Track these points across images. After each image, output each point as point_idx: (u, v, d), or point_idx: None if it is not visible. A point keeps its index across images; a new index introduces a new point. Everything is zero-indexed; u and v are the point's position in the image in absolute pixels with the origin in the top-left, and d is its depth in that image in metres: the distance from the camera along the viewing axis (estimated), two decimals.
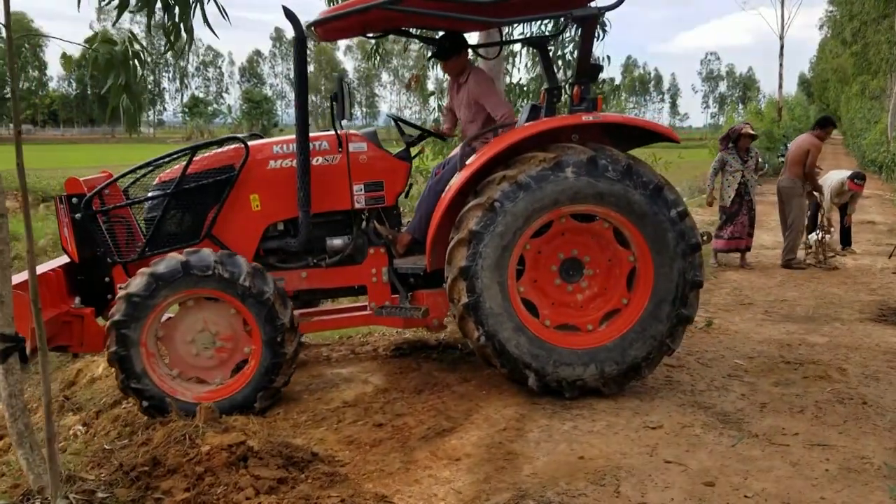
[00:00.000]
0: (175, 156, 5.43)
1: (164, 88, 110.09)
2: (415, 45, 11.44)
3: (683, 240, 4.75)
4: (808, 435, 4.31)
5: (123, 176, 5.42)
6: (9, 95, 74.62)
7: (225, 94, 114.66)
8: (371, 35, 6.01)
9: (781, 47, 38.70)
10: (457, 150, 5.75)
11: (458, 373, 5.50)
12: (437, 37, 5.85)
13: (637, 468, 3.89)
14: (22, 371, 3.31)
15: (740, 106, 69.89)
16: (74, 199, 5.11)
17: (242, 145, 5.23)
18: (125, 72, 3.40)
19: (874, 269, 9.78)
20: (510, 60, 10.87)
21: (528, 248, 4.90)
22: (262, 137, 5.72)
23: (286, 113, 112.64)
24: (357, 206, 5.35)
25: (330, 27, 5.12)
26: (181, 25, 3.43)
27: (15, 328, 3.19)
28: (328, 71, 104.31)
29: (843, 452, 4.06)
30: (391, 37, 6.83)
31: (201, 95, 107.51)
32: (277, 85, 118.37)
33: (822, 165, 18.63)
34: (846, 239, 11.19)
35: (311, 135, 5.15)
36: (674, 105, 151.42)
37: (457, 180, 5.01)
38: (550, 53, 6.17)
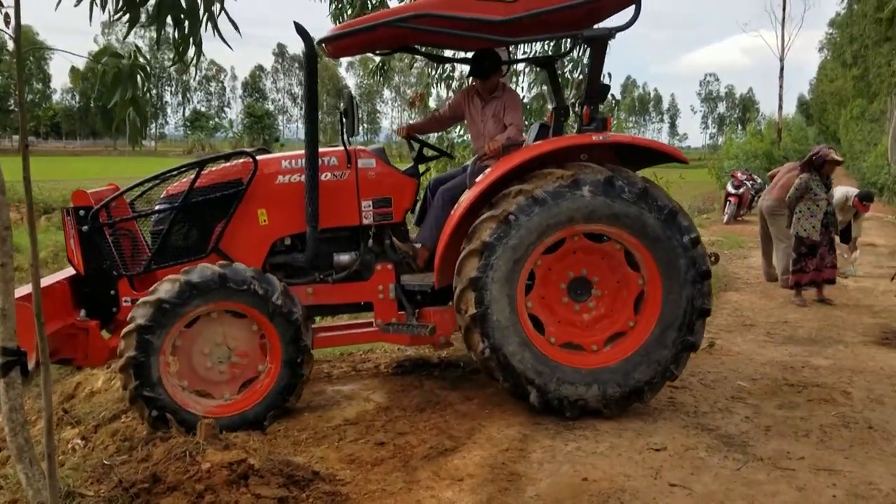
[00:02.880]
0: (183, 169, 5.43)
1: (166, 102, 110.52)
2: (419, 63, 11.49)
3: (694, 267, 4.75)
4: (813, 459, 4.27)
5: (131, 189, 5.43)
6: (12, 107, 74.93)
7: (227, 109, 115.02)
8: (380, 52, 6.02)
9: (781, 69, 38.91)
10: (467, 163, 5.75)
11: (460, 391, 5.47)
12: (453, 56, 5.87)
13: (641, 491, 3.85)
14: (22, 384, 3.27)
15: (739, 127, 70.15)
16: (81, 212, 5.10)
17: (251, 159, 5.24)
18: (132, 85, 3.40)
19: (876, 292, 9.76)
20: (513, 80, 10.89)
21: (538, 265, 4.89)
22: (268, 152, 5.73)
23: (287, 128, 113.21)
24: (365, 221, 5.35)
25: (340, 44, 5.14)
26: (190, 39, 3.43)
27: (17, 342, 3.16)
28: (330, 87, 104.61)
29: (849, 478, 4.02)
30: (397, 55, 6.85)
31: (203, 109, 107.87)
32: (279, 100, 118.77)
33: None
34: (846, 237, 10.95)
35: (320, 150, 5.15)
36: (673, 125, 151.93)
37: (467, 197, 5.01)
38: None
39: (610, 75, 9.72)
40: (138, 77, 3.32)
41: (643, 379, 4.80)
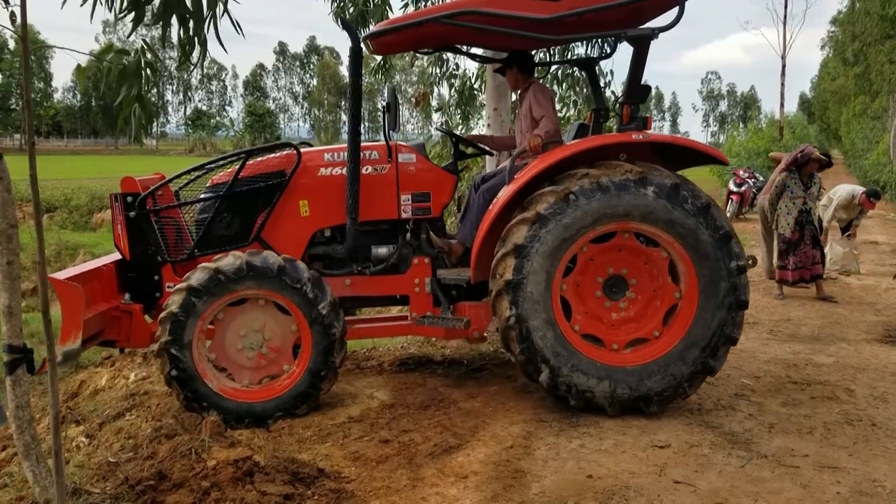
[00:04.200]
0: (229, 159, 5.60)
1: (167, 101, 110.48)
2: (420, 61, 11.46)
3: (734, 294, 4.77)
4: (817, 457, 4.28)
5: (178, 177, 5.58)
6: (13, 106, 74.92)
7: (228, 108, 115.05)
8: (422, 52, 6.13)
9: (783, 66, 38.83)
10: (506, 163, 5.79)
11: (463, 389, 5.48)
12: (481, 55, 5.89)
13: (646, 488, 3.86)
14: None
15: (741, 125, 70.06)
16: (129, 198, 5.25)
17: (295, 151, 5.35)
18: (137, 83, 3.40)
19: (879, 290, 9.76)
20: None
21: (584, 251, 4.91)
22: (310, 146, 5.82)
23: (288, 126, 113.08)
24: (404, 215, 5.44)
25: (384, 40, 5.22)
26: (195, 39, 3.43)
27: (23, 339, 3.17)
28: (331, 85, 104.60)
29: (853, 475, 4.02)
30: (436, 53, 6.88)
31: (204, 108, 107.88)
32: (280, 99, 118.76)
33: (825, 185, 18.66)
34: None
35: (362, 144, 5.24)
36: (674, 123, 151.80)
37: (504, 194, 5.04)
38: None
39: (612, 73, 9.70)
40: (146, 73, 3.32)
41: (655, 388, 4.79)
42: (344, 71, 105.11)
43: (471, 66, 10.93)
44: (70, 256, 13.99)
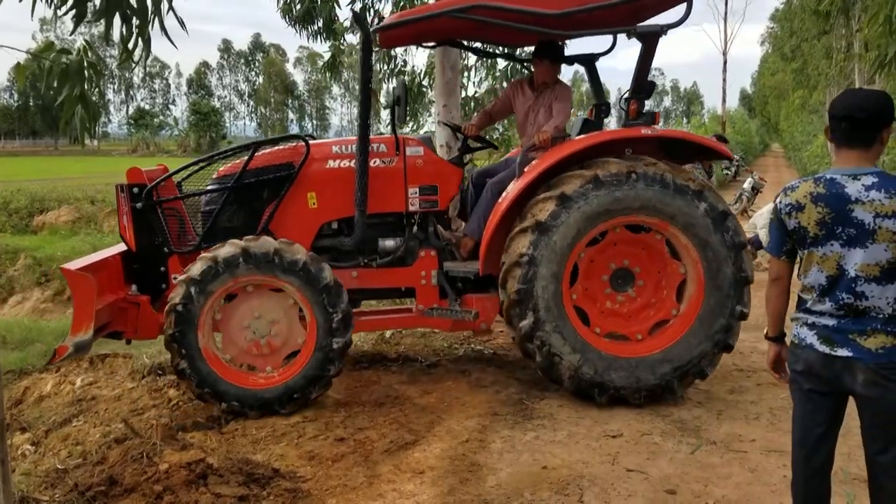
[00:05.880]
0: (236, 151, 5.60)
1: (108, 100, 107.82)
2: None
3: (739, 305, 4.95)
4: (764, 441, 4.40)
5: (185, 168, 5.54)
6: None
7: (172, 106, 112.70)
8: (426, 45, 6.19)
9: (725, 62, 39.68)
10: (511, 154, 5.87)
11: (418, 385, 5.49)
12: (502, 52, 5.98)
13: (600, 477, 3.93)
14: None
15: (685, 120, 71.39)
16: (135, 189, 5.21)
17: (304, 143, 5.35)
18: (79, 82, 3.32)
19: None
20: (465, 74, 10.93)
21: (581, 257, 5.03)
22: (315, 139, 5.80)
23: (234, 125, 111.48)
24: (411, 208, 5.46)
25: (393, 33, 5.25)
26: (139, 37, 3.37)
27: None
28: (277, 83, 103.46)
29: None
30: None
31: (147, 107, 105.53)
32: (226, 97, 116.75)
33: (767, 178, 19.13)
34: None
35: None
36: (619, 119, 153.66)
37: (516, 187, 5.09)
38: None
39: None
40: (89, 73, 3.25)
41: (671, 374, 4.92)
42: (290, 68, 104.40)
43: (419, 63, 10.94)
44: (10, 260, 13.56)
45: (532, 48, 5.94)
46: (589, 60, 5.92)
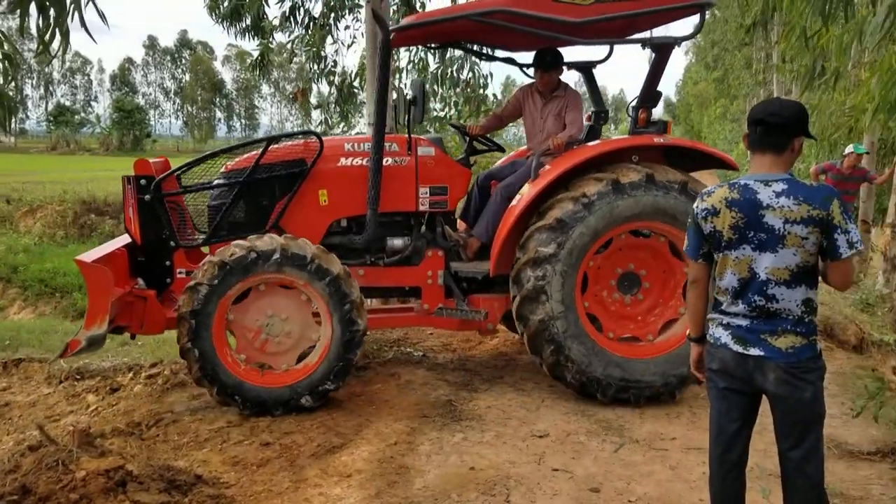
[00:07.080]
0: (247, 146, 5.55)
1: (26, 95, 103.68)
2: (299, 58, 11.30)
3: None
4: (684, 440, 4.53)
5: (196, 163, 5.41)
6: None
7: (94, 103, 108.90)
8: (432, 46, 6.23)
9: None
10: (515, 157, 5.96)
11: (347, 388, 5.42)
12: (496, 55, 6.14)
13: (526, 477, 3.97)
14: None
15: (612, 126, 72.89)
16: (142, 181, 5.08)
17: (317, 140, 5.29)
18: None
19: None
20: (396, 76, 10.95)
21: (591, 265, 5.11)
22: (324, 136, 5.74)
23: (160, 123, 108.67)
24: (421, 208, 5.46)
25: (408, 34, 5.24)
26: (56, 29, 3.25)
27: None
28: (204, 81, 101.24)
29: None
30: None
31: (68, 104, 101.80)
32: (150, 94, 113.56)
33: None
34: None
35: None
36: None
37: (530, 192, 5.11)
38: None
39: (491, 75, 9.93)
40: (4, 66, 3.13)
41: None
42: (218, 66, 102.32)
43: (349, 64, 10.96)
44: None
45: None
46: (586, 68, 6.02)
